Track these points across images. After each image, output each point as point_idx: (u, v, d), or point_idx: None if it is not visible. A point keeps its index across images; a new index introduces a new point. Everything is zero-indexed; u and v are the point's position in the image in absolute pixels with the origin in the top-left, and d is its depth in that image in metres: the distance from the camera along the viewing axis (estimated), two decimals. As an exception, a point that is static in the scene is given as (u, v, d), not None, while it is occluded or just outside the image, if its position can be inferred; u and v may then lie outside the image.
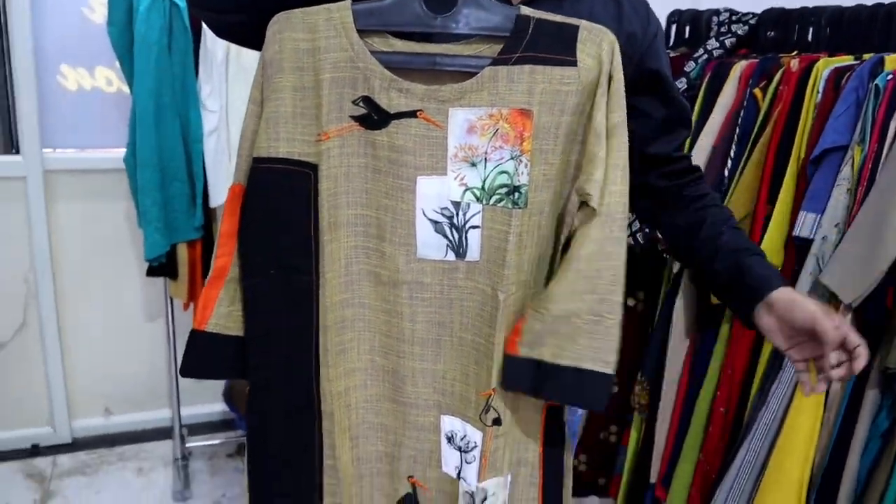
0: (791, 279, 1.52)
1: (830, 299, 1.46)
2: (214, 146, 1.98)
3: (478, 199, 0.93)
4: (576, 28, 0.89)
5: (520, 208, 0.92)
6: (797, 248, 1.52)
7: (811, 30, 1.76)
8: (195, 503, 2.16)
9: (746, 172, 1.61)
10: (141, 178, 1.92)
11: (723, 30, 1.94)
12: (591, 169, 0.92)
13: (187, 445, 2.25)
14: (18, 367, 2.34)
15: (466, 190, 0.93)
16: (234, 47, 1.95)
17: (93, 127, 2.32)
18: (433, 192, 0.93)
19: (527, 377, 0.95)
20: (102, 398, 2.49)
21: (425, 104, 0.90)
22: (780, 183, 1.56)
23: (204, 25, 1.85)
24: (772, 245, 1.54)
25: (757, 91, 1.65)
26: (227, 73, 1.97)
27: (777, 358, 1.64)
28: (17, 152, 2.23)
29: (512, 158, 0.91)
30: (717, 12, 2.00)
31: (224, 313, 1.00)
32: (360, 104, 0.91)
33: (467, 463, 1.04)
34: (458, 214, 0.94)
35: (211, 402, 2.59)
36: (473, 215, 0.94)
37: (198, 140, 1.96)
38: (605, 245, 0.93)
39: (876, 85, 1.41)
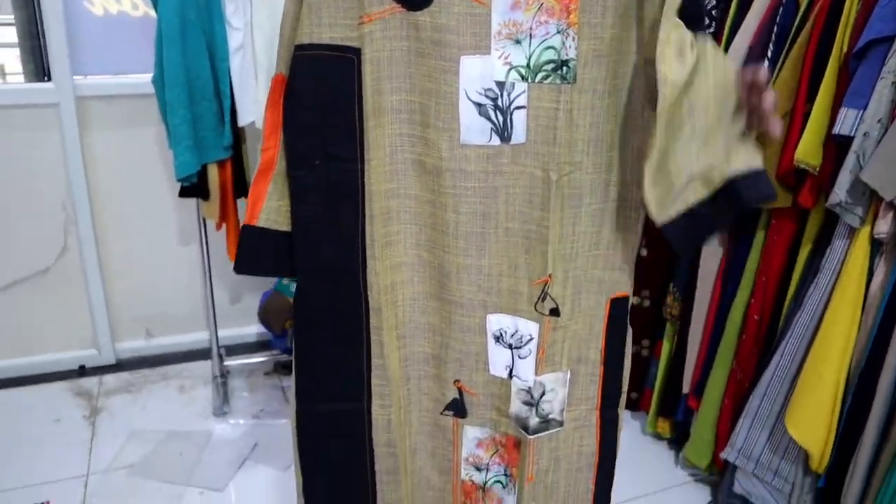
0: (830, 178, 1.48)
1: (871, 197, 1.42)
2: (240, 64, 1.96)
3: (523, 78, 0.90)
4: None
5: (569, 83, 0.89)
6: (837, 147, 1.47)
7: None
8: (234, 417, 2.22)
9: (784, 71, 1.55)
10: (169, 96, 1.92)
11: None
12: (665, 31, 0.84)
13: (225, 364, 2.31)
14: (62, 291, 2.41)
15: (511, 69, 0.90)
16: (256, -38, 1.92)
17: (121, 52, 2.32)
18: (476, 73, 0.91)
19: (689, 228, 0.89)
20: (143, 321, 2.55)
21: None
22: (819, 80, 1.50)
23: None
24: (810, 144, 1.49)
25: (797, -16, 1.58)
26: (250, -12, 1.94)
27: (813, 263, 1.61)
28: (49, 79, 2.24)
29: (558, 33, 0.88)
30: None
31: (274, 208, 1.00)
32: None
33: (521, 359, 1.03)
34: (502, 95, 0.91)
35: (247, 324, 2.64)
36: (519, 95, 0.91)
37: (224, 58, 1.94)
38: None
39: (926, -33, 1.34)
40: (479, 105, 0.92)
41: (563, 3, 0.87)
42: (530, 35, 0.89)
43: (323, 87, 0.93)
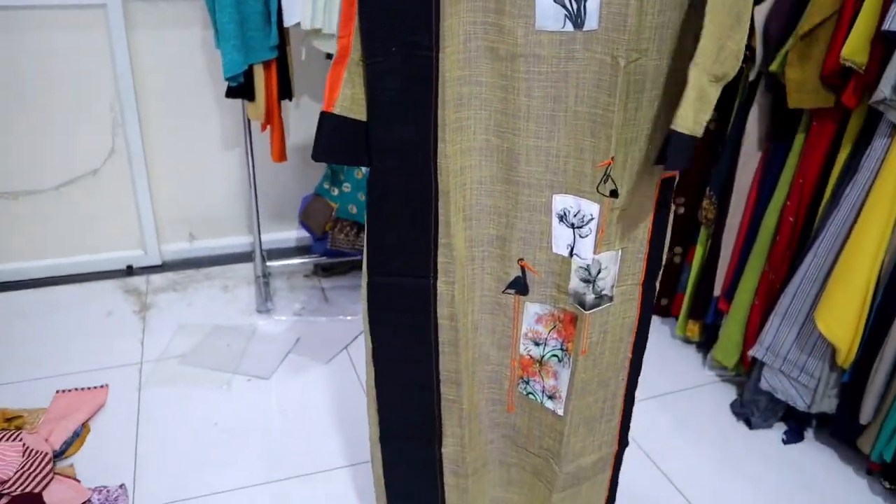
0: (876, 77, 1.49)
1: (916, 93, 1.44)
2: (287, -37, 1.98)
3: None
4: None
5: None
6: (885, 45, 1.47)
7: None
8: (277, 314, 2.32)
9: (836, -34, 1.55)
10: (218, -6, 1.95)
11: None
12: None
13: (267, 265, 2.40)
14: (110, 192, 2.49)
15: None
16: None
17: (165, -47, 2.34)
18: None
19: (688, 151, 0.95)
20: (187, 223, 2.64)
21: None
22: (870, -27, 1.49)
23: None
24: (858, 41, 1.50)
25: None
26: None
27: (852, 164, 1.63)
28: (95, -22, 2.27)
29: None
30: None
31: (348, 95, 1.04)
32: None
33: (581, 237, 1.09)
34: None
35: (287, 229, 2.72)
36: None
37: (271, -44, 1.96)
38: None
39: None
40: None
41: None
42: None
43: None
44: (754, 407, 1.89)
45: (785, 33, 1.65)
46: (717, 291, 1.99)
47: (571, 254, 1.10)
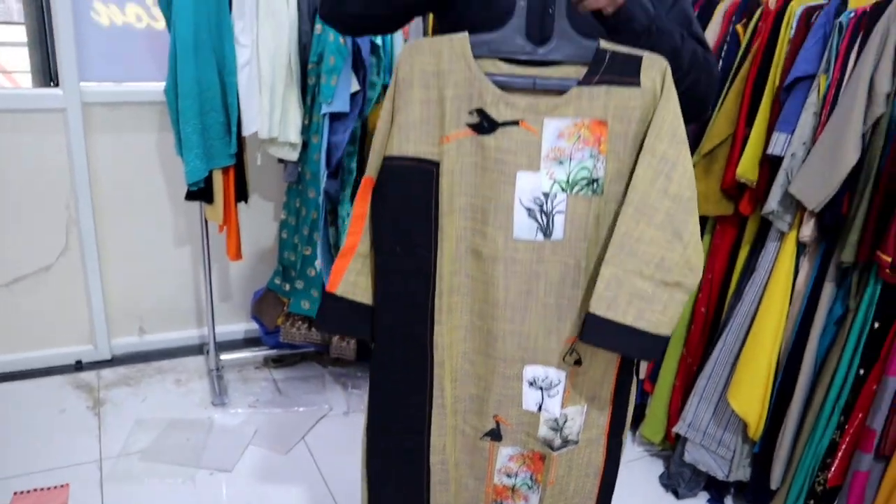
0: (765, 190, 1.77)
1: (797, 206, 1.72)
2: (247, 78, 2.15)
3: (563, 190, 1.15)
4: (639, 58, 1.10)
5: (598, 195, 1.15)
6: (770, 164, 1.77)
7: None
8: (232, 407, 2.39)
9: (728, 99, 1.85)
10: (182, 106, 2.10)
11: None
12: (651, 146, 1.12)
13: (222, 358, 2.48)
14: (62, 288, 2.54)
15: (554, 183, 1.15)
16: (263, -13, 2.13)
17: (125, 61, 2.47)
18: (528, 185, 1.15)
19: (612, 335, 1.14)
20: (138, 318, 2.70)
21: (526, 115, 1.12)
22: (757, 108, 1.80)
23: (237, -34, 2.03)
24: (749, 162, 1.79)
25: (739, 27, 1.88)
26: (257, 10, 2.13)
27: (751, 263, 1.90)
28: (57, 85, 2.38)
29: (591, 157, 1.14)
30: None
31: (351, 281, 1.23)
32: (475, 114, 1.13)
33: (550, 397, 1.28)
34: (547, 202, 1.16)
35: (237, 321, 2.82)
36: (559, 203, 1.16)
37: (232, 73, 2.13)
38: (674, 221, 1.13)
39: (840, 22, 1.64)
40: (528, 209, 1.16)
41: (596, 136, 1.13)
42: (570, 158, 1.14)
43: (407, 190, 1.17)
44: (680, 478, 2.09)
45: (691, 150, 1.92)
46: (642, 375, 2.21)
47: (540, 409, 1.29)
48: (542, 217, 1.16)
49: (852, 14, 1.64)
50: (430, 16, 1.78)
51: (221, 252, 2.51)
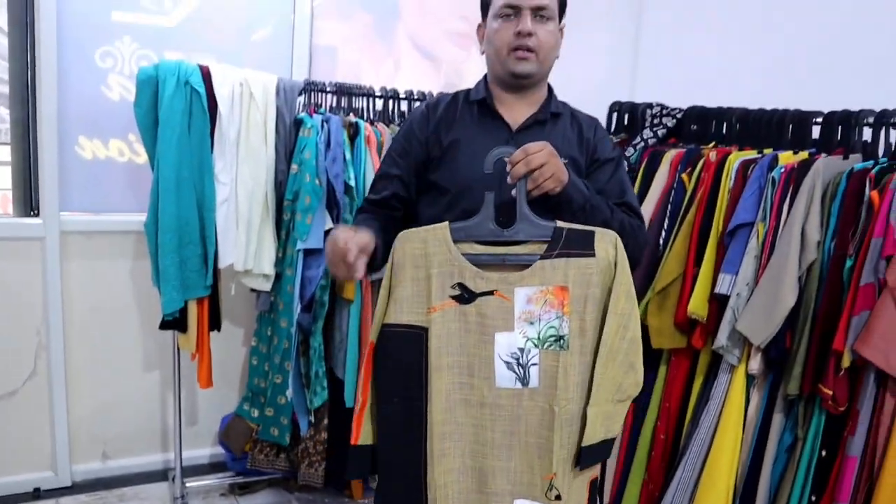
0: (714, 328, 1.90)
1: (745, 341, 1.85)
2: (225, 214, 2.26)
3: (535, 346, 1.37)
4: (592, 232, 1.36)
5: (565, 350, 1.36)
6: (718, 302, 1.90)
7: (725, 125, 2.20)
8: (195, 536, 2.36)
9: (677, 242, 2.00)
10: (162, 241, 2.18)
11: (655, 121, 2.36)
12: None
13: (187, 485, 2.46)
14: (26, 413, 2.51)
15: (527, 340, 1.37)
16: (244, 129, 2.27)
17: (104, 192, 2.56)
18: (505, 343, 1.37)
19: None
20: (102, 443, 2.67)
21: (499, 286, 1.36)
22: (704, 250, 1.95)
23: (220, 108, 2.19)
24: (699, 300, 1.92)
25: (684, 176, 2.06)
26: (237, 151, 2.27)
27: (705, 392, 2.01)
28: (37, 215, 2.45)
29: (557, 318, 1.36)
30: (650, 105, 2.43)
31: (368, 430, 1.45)
32: (457, 288, 1.37)
33: None
34: (522, 356, 1.37)
35: (202, 446, 2.80)
36: (533, 356, 1.37)
37: (211, 209, 2.24)
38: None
39: (772, 176, 1.83)
40: (507, 363, 1.37)
41: (560, 300, 1.36)
42: (539, 319, 1.36)
43: (402, 353, 1.39)
44: None
45: (645, 285, 2.06)
46: (606, 499, 2.25)
47: None
48: (519, 369, 1.37)
49: (783, 169, 1.83)
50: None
51: (189, 376, 2.54)
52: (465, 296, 1.38)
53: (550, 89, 1.62)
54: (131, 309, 2.62)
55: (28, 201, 2.48)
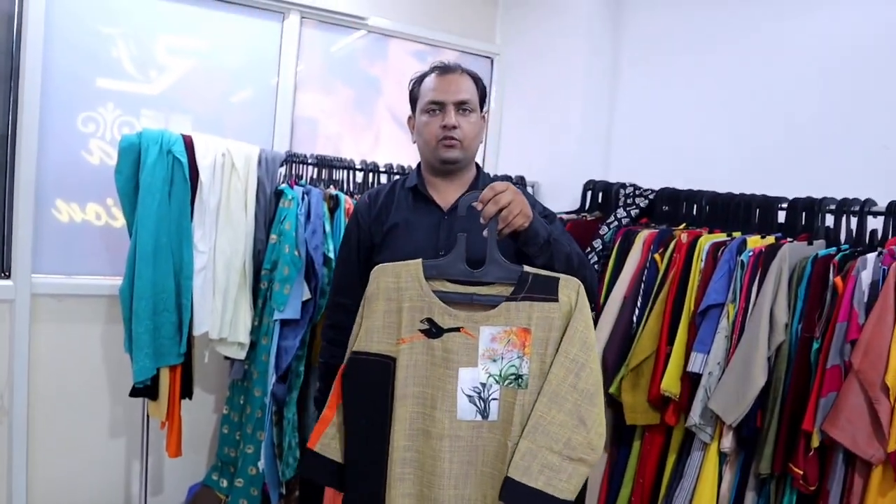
0: (687, 405, 1.93)
1: (717, 420, 1.88)
2: (202, 282, 2.25)
3: (496, 382, 1.43)
4: (557, 279, 1.44)
5: (523, 389, 1.42)
6: (691, 380, 1.94)
7: (695, 207, 2.28)
8: None
9: (650, 320, 2.05)
10: (136, 307, 2.16)
11: (629, 201, 2.44)
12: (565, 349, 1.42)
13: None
14: (-19, 482, 2.43)
15: (489, 376, 1.44)
16: (224, 198, 2.29)
17: (78, 255, 2.54)
18: (468, 378, 1.44)
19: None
20: (61, 513, 2.59)
21: (466, 323, 1.44)
22: (676, 329, 2.00)
23: (201, 177, 2.21)
24: (671, 377, 1.96)
25: (657, 256, 2.12)
26: (217, 220, 2.28)
27: (678, 469, 2.03)
28: (8, 276, 2.42)
29: (518, 357, 1.43)
30: (623, 185, 2.52)
31: (326, 443, 1.53)
32: (426, 322, 1.45)
33: None
34: (484, 391, 1.44)
35: (167, 516, 2.73)
36: (494, 391, 1.44)
37: (188, 276, 2.23)
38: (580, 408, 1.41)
39: (742, 259, 1.90)
40: (469, 396, 1.44)
41: (521, 340, 1.43)
42: (502, 357, 1.43)
43: (370, 378, 1.47)
44: None
45: (619, 362, 2.10)
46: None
47: None
48: (480, 402, 1.44)
49: (751, 252, 1.90)
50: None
51: (157, 444, 2.48)
52: (433, 330, 1.44)
53: (479, 168, 1.81)
54: (100, 374, 2.57)
55: (0, 263, 2.45)
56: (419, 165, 1.80)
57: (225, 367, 2.50)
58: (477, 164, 1.80)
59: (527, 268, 1.46)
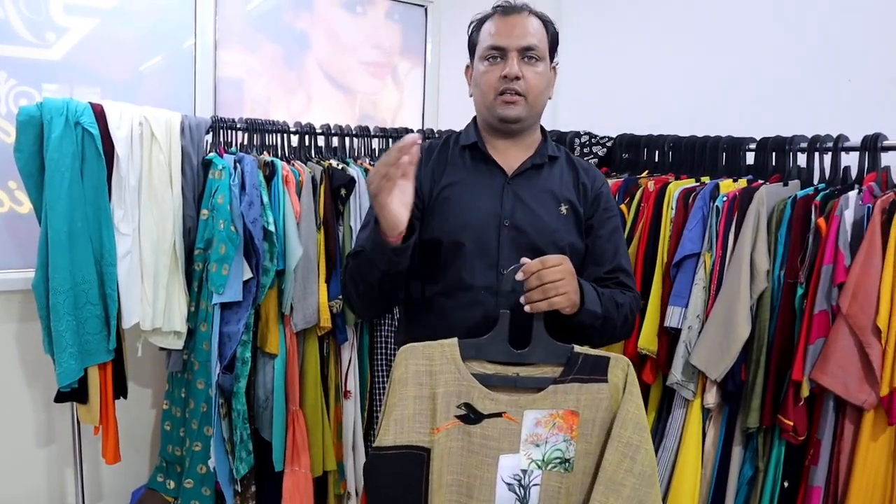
0: (666, 362, 1.84)
1: (699, 375, 1.79)
2: (128, 268, 2.02)
3: (539, 468, 1.31)
4: (607, 358, 1.30)
5: (568, 472, 1.31)
6: (669, 336, 1.84)
7: (657, 153, 2.17)
8: None
9: (622, 274, 1.93)
10: (54, 303, 1.91)
11: (585, 150, 2.31)
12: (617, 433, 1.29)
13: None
14: None
15: (531, 462, 1.31)
16: (145, 173, 2.04)
17: (-20, 248, 2.26)
18: (509, 465, 1.30)
19: None
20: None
21: (508, 408, 1.29)
22: (649, 283, 1.89)
23: (117, 150, 1.96)
24: (648, 334, 1.86)
25: (623, 206, 2.00)
26: (139, 198, 2.04)
27: (658, 429, 1.95)
28: None
29: (564, 441, 1.30)
30: (578, 134, 2.38)
31: None
32: (463, 408, 1.30)
33: None
34: (525, 478, 1.31)
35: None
36: (535, 477, 1.31)
37: (111, 263, 1.99)
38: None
39: (716, 206, 1.79)
40: (509, 484, 1.31)
41: (569, 424, 1.30)
42: (546, 441, 1.30)
43: (402, 474, 1.29)
44: None
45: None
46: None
47: None
48: (520, 490, 1.31)
49: (725, 198, 1.80)
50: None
51: (92, 449, 2.25)
52: (472, 416, 1.30)
53: (544, 131, 1.57)
54: (18, 379, 2.30)
55: None
56: (474, 119, 1.56)
57: (161, 359, 2.28)
58: (542, 127, 1.58)
59: (577, 347, 1.32)
